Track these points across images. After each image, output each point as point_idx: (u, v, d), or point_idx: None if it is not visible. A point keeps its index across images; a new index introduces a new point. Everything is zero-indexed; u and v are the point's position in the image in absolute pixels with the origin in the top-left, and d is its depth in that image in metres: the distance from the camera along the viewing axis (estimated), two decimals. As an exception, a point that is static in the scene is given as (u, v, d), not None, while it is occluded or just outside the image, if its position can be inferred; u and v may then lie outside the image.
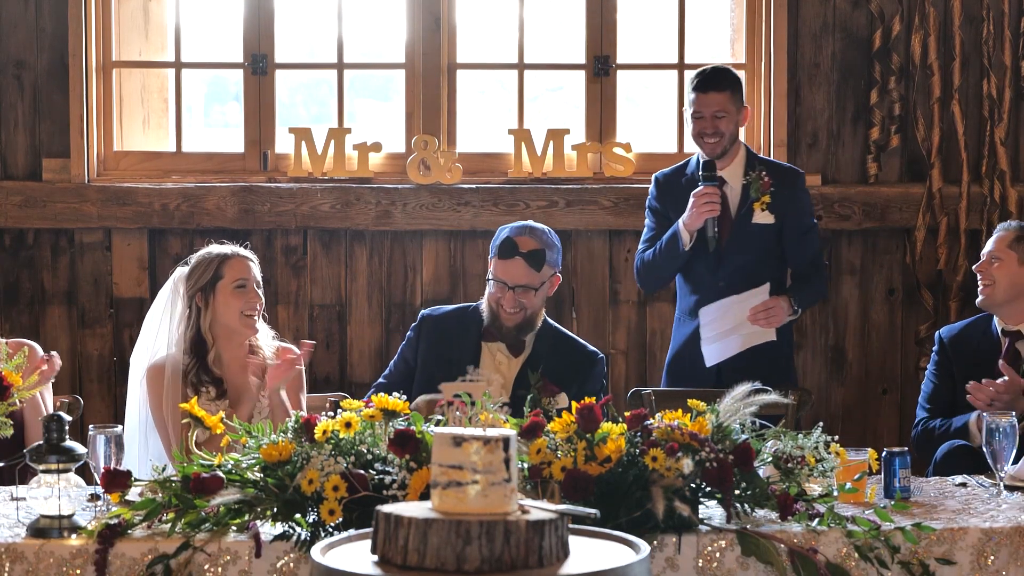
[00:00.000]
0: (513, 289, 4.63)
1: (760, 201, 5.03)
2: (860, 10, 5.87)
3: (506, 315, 4.65)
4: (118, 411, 5.79)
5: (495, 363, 4.67)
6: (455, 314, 4.80)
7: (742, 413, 3.69)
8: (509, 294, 4.63)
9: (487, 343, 4.70)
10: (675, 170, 5.21)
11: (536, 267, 4.64)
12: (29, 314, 5.82)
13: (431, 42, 5.87)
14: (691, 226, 4.99)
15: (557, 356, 4.69)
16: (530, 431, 3.53)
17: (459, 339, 4.70)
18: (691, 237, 5.00)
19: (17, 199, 5.77)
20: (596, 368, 4.75)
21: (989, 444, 3.90)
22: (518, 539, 2.82)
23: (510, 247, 4.65)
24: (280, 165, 5.90)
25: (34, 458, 3.53)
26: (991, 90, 5.85)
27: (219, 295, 4.52)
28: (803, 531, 3.52)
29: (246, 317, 4.53)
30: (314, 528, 3.46)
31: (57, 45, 5.78)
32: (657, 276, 5.15)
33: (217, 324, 4.53)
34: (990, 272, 4.72)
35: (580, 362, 4.73)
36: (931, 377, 4.84)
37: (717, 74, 5.04)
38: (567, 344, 4.77)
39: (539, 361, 4.64)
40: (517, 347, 4.70)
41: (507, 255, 4.65)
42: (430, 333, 4.75)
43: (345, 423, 3.58)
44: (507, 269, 4.64)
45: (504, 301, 4.64)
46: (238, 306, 4.51)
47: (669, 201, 5.12)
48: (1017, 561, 3.57)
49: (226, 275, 4.53)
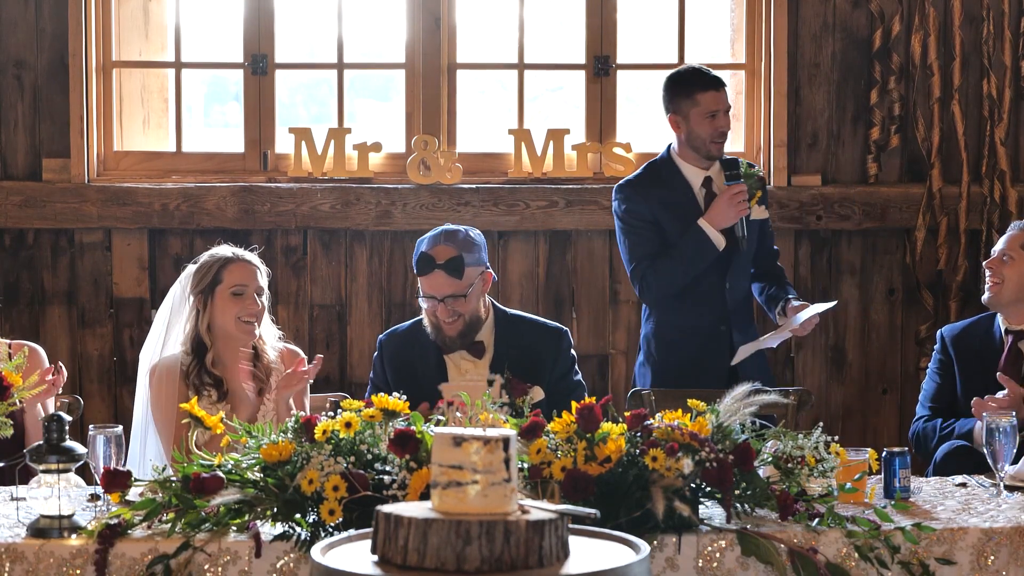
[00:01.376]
0: (443, 301, 4.55)
1: (755, 197, 5.02)
2: (860, 10, 5.87)
3: (446, 326, 4.57)
4: (118, 411, 5.80)
5: (461, 372, 4.62)
6: (410, 332, 4.71)
7: (742, 413, 3.69)
8: (440, 306, 4.55)
9: (447, 355, 4.63)
10: (643, 174, 5.10)
11: (457, 275, 4.53)
12: (29, 314, 5.82)
13: (431, 42, 5.87)
14: (721, 225, 4.95)
15: (520, 344, 4.62)
16: (530, 431, 3.53)
17: (420, 358, 4.64)
18: (723, 238, 4.97)
19: (17, 199, 5.77)
20: (563, 342, 4.70)
21: (989, 444, 3.90)
22: (518, 539, 2.82)
23: (427, 262, 4.54)
24: (280, 165, 5.90)
25: (34, 458, 3.53)
26: (991, 90, 5.85)
27: (217, 299, 4.51)
28: (803, 531, 3.52)
29: (243, 323, 4.51)
30: (314, 528, 3.46)
31: (57, 45, 5.78)
32: (679, 284, 4.98)
33: (215, 327, 4.52)
34: (1000, 270, 4.70)
35: (545, 342, 4.66)
36: (932, 376, 4.83)
37: (711, 72, 5.03)
38: (526, 326, 4.70)
39: (504, 356, 4.57)
40: (477, 350, 4.64)
41: (426, 270, 4.55)
42: (392, 358, 4.68)
43: (345, 423, 3.58)
44: (430, 283, 4.55)
45: (439, 313, 4.56)
46: (234, 312, 4.50)
47: (655, 203, 5.01)
48: (1017, 561, 3.57)
49: (225, 280, 4.52)
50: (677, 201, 5.01)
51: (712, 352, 5.02)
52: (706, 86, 4.97)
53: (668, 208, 5.01)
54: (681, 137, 5.03)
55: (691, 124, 4.99)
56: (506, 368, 4.44)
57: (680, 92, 5.00)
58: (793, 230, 5.87)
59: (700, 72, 5.03)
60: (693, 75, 5.02)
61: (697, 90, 4.97)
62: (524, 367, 4.50)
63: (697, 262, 4.97)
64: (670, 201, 5.01)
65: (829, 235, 5.89)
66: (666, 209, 5.01)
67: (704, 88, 4.97)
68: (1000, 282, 4.69)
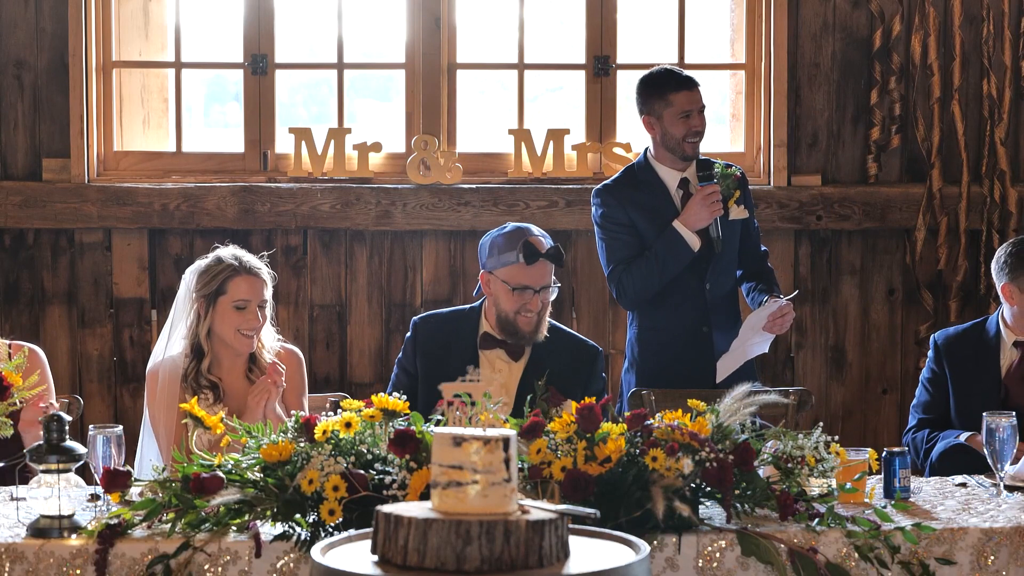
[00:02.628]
0: (539, 292, 4.57)
1: (733, 197, 5.01)
2: (860, 10, 5.87)
3: (526, 319, 4.56)
4: (118, 411, 5.80)
5: (495, 370, 4.61)
6: (450, 318, 4.72)
7: (742, 413, 3.69)
8: (535, 297, 4.55)
9: (484, 351, 4.62)
10: (619, 179, 5.08)
11: (559, 265, 4.59)
12: (29, 314, 5.82)
13: (431, 42, 5.87)
14: (695, 226, 4.94)
15: (557, 355, 4.62)
16: (530, 431, 3.54)
17: (456, 346, 4.61)
18: (698, 239, 4.96)
19: (17, 199, 5.77)
20: (598, 364, 4.71)
21: (989, 444, 3.90)
22: (518, 539, 2.82)
23: (533, 251, 4.53)
24: (280, 165, 5.90)
25: (34, 458, 3.53)
26: (991, 90, 5.85)
27: (218, 308, 4.49)
28: (803, 531, 3.52)
29: (242, 336, 4.49)
30: (314, 528, 3.46)
31: (57, 45, 5.78)
32: (654, 286, 4.96)
33: (214, 333, 4.51)
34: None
35: (581, 360, 4.67)
36: (924, 384, 4.82)
37: (683, 72, 5.02)
38: (564, 339, 4.71)
39: (541, 364, 4.54)
40: (516, 351, 4.64)
41: (532, 259, 4.53)
42: (426, 339, 4.66)
43: (345, 423, 3.58)
44: (533, 274, 4.54)
45: (531, 304, 4.55)
46: (235, 324, 4.48)
47: (630, 207, 4.98)
48: (1017, 561, 3.57)
49: (229, 291, 4.49)
50: (654, 204, 4.98)
51: (694, 354, 4.99)
52: (679, 86, 4.95)
53: (644, 211, 4.98)
54: (656, 138, 5.00)
55: (664, 124, 4.95)
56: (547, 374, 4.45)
57: (653, 93, 4.97)
58: (793, 230, 5.87)
59: (672, 72, 5.01)
60: (665, 76, 4.99)
61: (670, 90, 4.95)
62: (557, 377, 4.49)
63: (671, 264, 4.93)
64: (647, 204, 4.98)
65: (829, 235, 5.89)
66: (643, 212, 4.98)
67: (677, 88, 4.94)
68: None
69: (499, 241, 4.61)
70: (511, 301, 4.56)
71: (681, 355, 4.99)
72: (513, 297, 4.56)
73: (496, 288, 4.59)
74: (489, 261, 4.61)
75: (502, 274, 4.57)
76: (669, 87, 4.95)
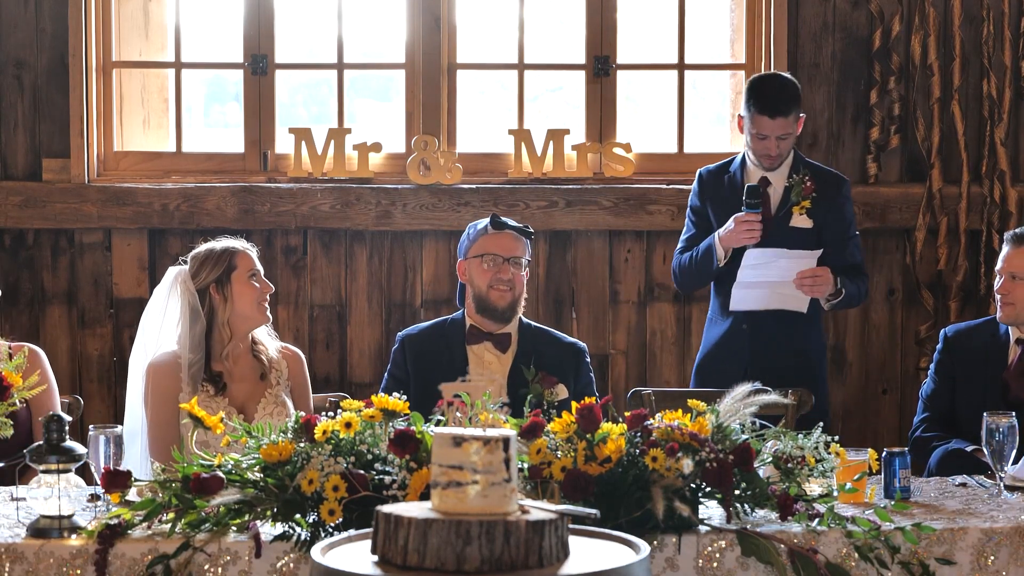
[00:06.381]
0: (508, 260, 4.62)
1: (800, 205, 5.02)
2: (860, 10, 5.87)
3: (497, 294, 4.62)
4: (118, 411, 5.79)
5: (484, 364, 4.64)
6: (435, 327, 4.77)
7: (742, 413, 3.69)
8: (505, 266, 4.62)
9: (471, 347, 4.66)
10: (719, 167, 5.17)
11: (527, 237, 4.67)
12: (29, 314, 5.82)
13: (431, 42, 5.87)
14: (729, 245, 4.97)
15: (544, 347, 4.68)
16: (530, 431, 3.54)
17: (444, 351, 4.67)
18: (726, 254, 4.98)
19: (17, 199, 5.77)
20: (584, 359, 4.76)
21: (989, 444, 3.90)
22: (518, 539, 2.82)
23: (499, 222, 4.66)
24: (280, 165, 5.90)
25: (34, 458, 3.53)
26: (991, 90, 5.85)
27: (235, 285, 4.52)
28: (803, 531, 3.52)
29: (262, 306, 4.55)
30: (314, 528, 3.46)
31: (57, 45, 5.78)
32: (691, 283, 5.20)
33: (236, 316, 4.52)
34: (1012, 294, 4.68)
35: (567, 355, 4.72)
36: (932, 376, 4.83)
37: (782, 95, 4.98)
38: (548, 337, 4.76)
39: (529, 354, 4.62)
40: (503, 342, 4.67)
41: (499, 227, 4.65)
42: (414, 351, 4.70)
43: (345, 423, 3.58)
44: (499, 241, 4.64)
45: (502, 273, 4.61)
46: (254, 295, 4.53)
47: (709, 199, 5.10)
48: (1017, 561, 3.57)
49: (239, 266, 4.54)
50: (733, 198, 5.04)
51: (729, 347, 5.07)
52: (760, 110, 4.97)
53: (721, 204, 5.06)
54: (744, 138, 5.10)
55: (745, 132, 5.06)
56: (532, 362, 4.53)
57: (746, 99, 5.04)
58: (793, 230, 5.87)
59: (764, 92, 4.99)
60: (758, 91, 5.00)
61: (754, 109, 4.98)
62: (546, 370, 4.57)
63: (699, 270, 5.05)
64: (726, 198, 5.06)
65: (829, 235, 5.89)
66: (719, 205, 5.06)
67: (760, 111, 4.97)
68: (1013, 304, 4.68)
69: (470, 231, 4.73)
70: (483, 275, 4.64)
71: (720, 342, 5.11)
72: (484, 270, 4.64)
73: (471, 269, 4.68)
74: (463, 249, 4.73)
75: (473, 250, 4.68)
76: (755, 106, 4.98)
